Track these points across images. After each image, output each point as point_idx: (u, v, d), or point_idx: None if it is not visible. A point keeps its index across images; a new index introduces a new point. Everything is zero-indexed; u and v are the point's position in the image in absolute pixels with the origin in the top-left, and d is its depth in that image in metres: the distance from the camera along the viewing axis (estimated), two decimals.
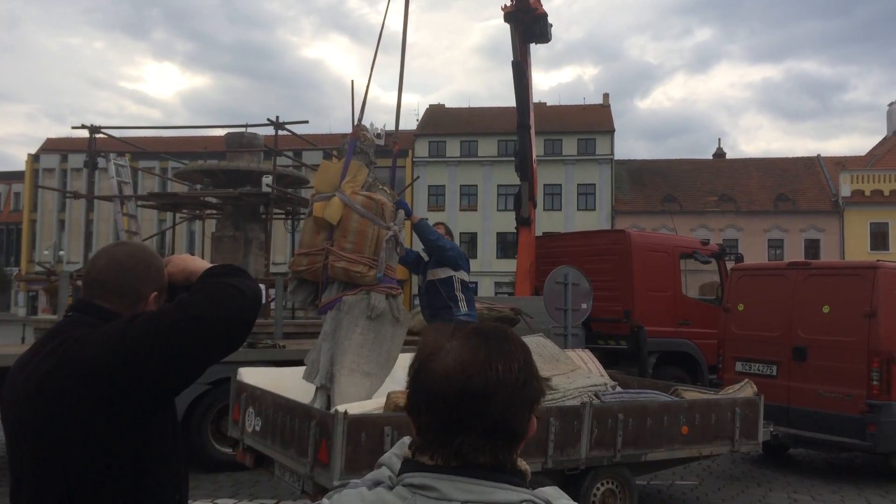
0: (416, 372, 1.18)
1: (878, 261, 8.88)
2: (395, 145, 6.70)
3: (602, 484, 5.83)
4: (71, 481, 1.67)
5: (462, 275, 6.62)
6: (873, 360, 8.06)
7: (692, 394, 6.82)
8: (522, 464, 1.19)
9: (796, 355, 8.77)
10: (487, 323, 1.24)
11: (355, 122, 6.27)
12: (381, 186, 5.98)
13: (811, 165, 45.85)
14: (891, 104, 48.03)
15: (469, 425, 1.11)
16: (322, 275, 5.76)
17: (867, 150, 49.53)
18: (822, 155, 46.85)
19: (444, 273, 6.55)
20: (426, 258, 6.72)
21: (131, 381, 1.67)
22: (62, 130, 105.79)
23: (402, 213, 6.01)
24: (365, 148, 5.97)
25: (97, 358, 1.67)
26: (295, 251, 6.19)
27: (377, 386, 5.45)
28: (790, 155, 49.57)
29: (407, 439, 1.33)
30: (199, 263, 1.96)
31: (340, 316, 5.60)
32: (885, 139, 48.06)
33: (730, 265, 11.60)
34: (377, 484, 1.20)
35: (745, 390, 6.74)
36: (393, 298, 5.71)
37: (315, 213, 5.81)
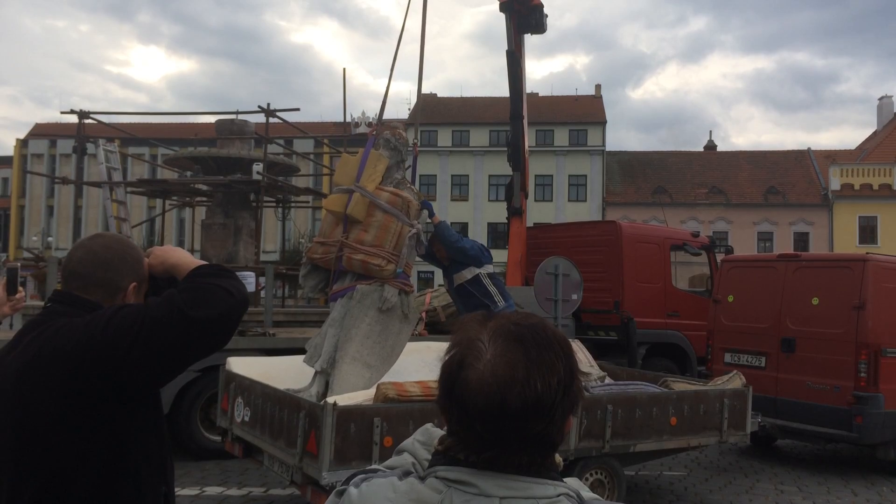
0: (449, 377, 1.10)
1: (867, 253, 8.93)
2: (414, 146, 6.65)
3: (591, 475, 5.84)
4: (49, 471, 1.66)
5: (487, 268, 6.67)
6: (861, 352, 8.11)
7: (681, 385, 6.85)
8: (556, 456, 1.16)
9: (785, 347, 8.82)
10: (525, 318, 1.13)
11: (376, 119, 6.28)
12: (408, 185, 6.01)
13: (801, 159, 46.00)
14: (881, 98, 48.24)
15: (504, 441, 1.07)
16: (335, 265, 5.77)
17: (857, 144, 49.77)
18: (812, 148, 47.01)
19: (469, 273, 6.61)
20: (445, 264, 6.76)
21: (111, 372, 1.66)
22: (46, 114, 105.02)
23: (425, 212, 6.05)
24: (399, 146, 5.96)
25: (78, 348, 1.67)
26: (313, 238, 6.27)
27: (376, 379, 5.44)
28: (781, 147, 49.77)
29: (430, 426, 1.30)
30: (180, 255, 1.95)
31: (351, 304, 5.61)
32: (874, 133, 48.27)
33: (719, 257, 11.63)
34: (406, 474, 1.16)
35: (734, 381, 6.76)
36: (405, 295, 5.73)
37: (326, 205, 5.84)
